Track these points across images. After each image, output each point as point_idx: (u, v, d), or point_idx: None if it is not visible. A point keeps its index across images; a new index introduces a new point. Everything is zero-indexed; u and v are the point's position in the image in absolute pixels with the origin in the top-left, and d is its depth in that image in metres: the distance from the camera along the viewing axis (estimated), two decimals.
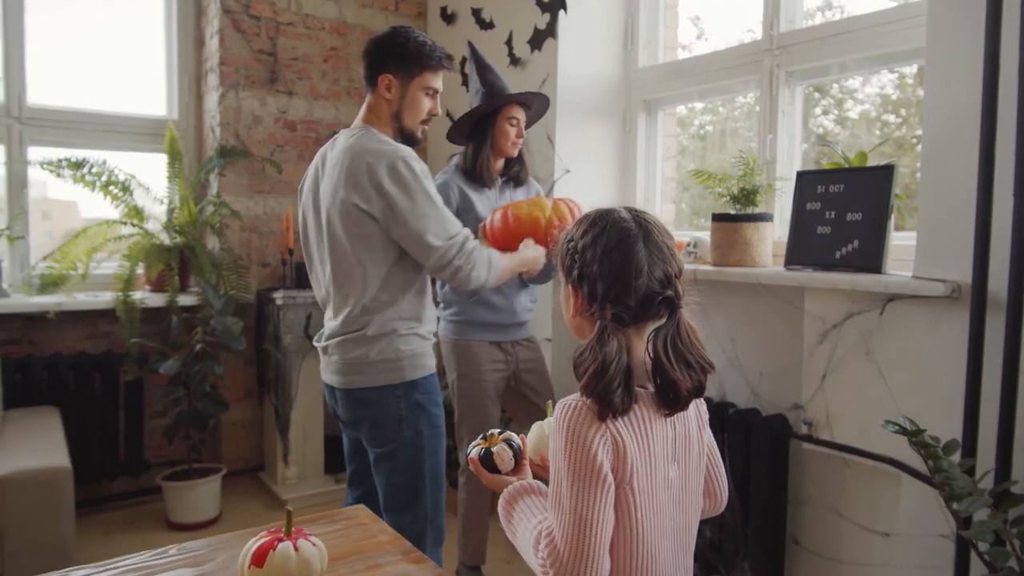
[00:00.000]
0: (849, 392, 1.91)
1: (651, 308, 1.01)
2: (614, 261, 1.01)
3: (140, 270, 3.17)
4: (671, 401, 1.00)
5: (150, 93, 3.49)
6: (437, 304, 2.45)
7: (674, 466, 1.04)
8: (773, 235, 2.31)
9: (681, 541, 1.07)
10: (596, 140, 3.07)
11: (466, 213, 2.38)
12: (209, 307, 2.94)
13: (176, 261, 3.15)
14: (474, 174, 2.41)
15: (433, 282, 2.11)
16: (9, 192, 3.11)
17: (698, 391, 1.02)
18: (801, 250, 2.08)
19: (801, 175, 2.14)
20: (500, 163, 2.48)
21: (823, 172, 2.10)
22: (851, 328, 1.89)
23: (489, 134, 2.40)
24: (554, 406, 1.05)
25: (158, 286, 3.19)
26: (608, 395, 0.95)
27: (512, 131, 2.41)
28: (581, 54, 3.01)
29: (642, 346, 1.03)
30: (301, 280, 3.36)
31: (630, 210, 1.06)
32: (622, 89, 3.12)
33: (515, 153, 2.46)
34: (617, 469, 0.97)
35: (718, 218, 2.31)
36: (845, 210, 2.00)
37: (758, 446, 2.09)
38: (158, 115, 3.44)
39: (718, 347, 2.33)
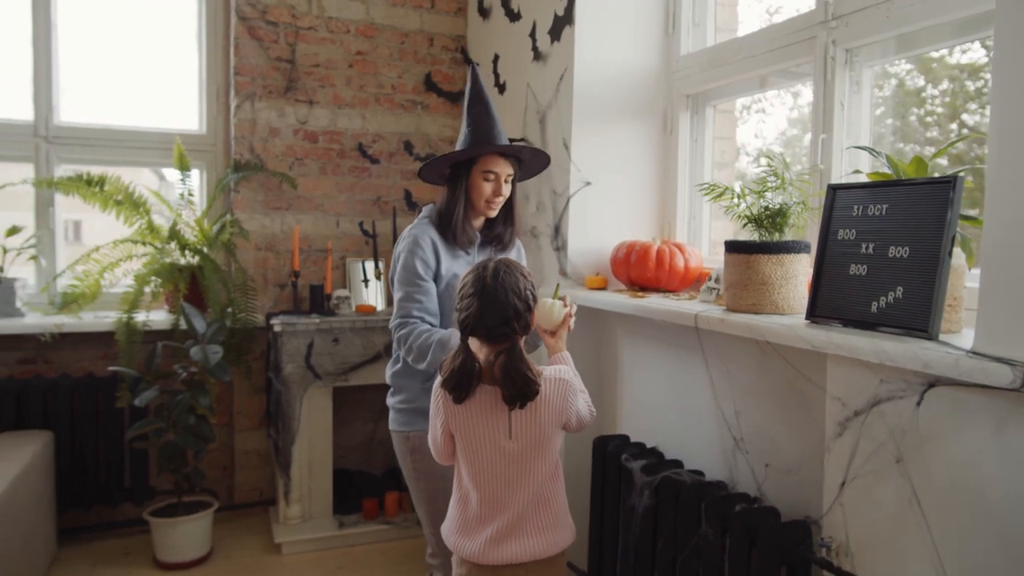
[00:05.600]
0: (873, 512, 1.29)
1: (492, 338, 1.49)
2: (464, 306, 1.50)
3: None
4: (504, 398, 1.47)
5: (185, 108, 3.39)
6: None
7: (509, 441, 1.51)
8: (809, 272, 1.70)
9: (517, 483, 1.53)
10: (625, 144, 2.54)
11: (436, 278, 1.95)
12: (195, 333, 2.75)
13: (185, 282, 3.01)
14: (446, 231, 1.96)
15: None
16: (36, 211, 3.12)
17: (517, 399, 1.47)
18: (827, 297, 1.48)
19: (835, 190, 1.53)
20: (480, 221, 2.04)
21: (861, 187, 1.48)
22: (877, 420, 1.28)
23: (462, 186, 1.95)
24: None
25: (176, 307, 3.06)
26: (448, 390, 1.51)
27: (488, 188, 1.94)
28: (606, 41, 2.49)
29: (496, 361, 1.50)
30: (315, 304, 3.11)
31: (494, 267, 1.51)
32: (660, 82, 2.56)
33: (492, 214, 2.00)
34: (447, 426, 1.56)
35: (731, 247, 1.74)
36: (887, 242, 1.38)
37: (769, 565, 1.50)
38: (187, 129, 3.33)
39: (722, 422, 1.75)
